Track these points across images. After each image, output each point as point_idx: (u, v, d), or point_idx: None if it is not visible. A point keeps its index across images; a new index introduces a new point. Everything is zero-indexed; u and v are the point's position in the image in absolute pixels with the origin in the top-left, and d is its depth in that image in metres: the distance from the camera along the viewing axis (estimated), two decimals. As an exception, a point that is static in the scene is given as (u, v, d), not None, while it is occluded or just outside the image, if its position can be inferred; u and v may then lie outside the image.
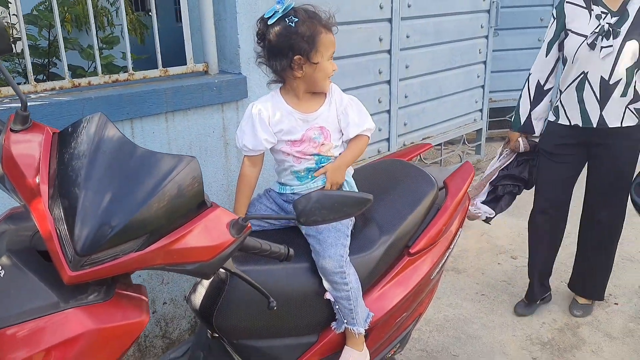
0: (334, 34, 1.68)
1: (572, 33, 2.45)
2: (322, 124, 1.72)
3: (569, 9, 2.49)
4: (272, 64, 1.67)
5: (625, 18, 2.35)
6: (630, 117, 2.45)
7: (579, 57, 2.43)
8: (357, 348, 1.69)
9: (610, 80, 2.39)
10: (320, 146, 1.72)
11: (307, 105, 1.72)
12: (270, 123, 1.70)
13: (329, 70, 1.68)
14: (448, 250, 1.98)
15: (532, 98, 2.66)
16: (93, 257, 1.07)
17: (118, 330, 1.10)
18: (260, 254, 1.36)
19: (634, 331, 2.71)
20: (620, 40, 2.34)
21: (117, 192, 1.10)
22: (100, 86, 2.12)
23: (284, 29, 1.60)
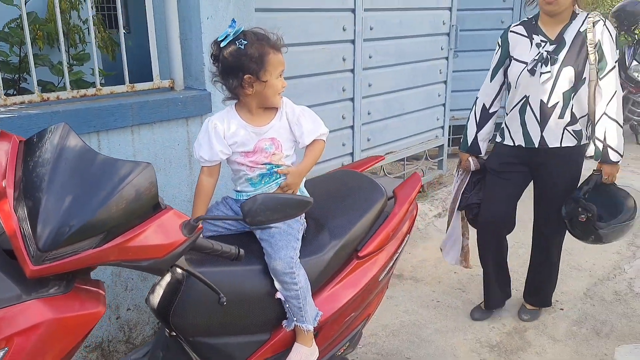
0: (283, 54, 1.83)
1: (515, 60, 2.64)
2: (274, 135, 1.86)
3: (512, 37, 2.68)
4: (226, 82, 1.82)
5: (562, 46, 2.54)
6: (569, 139, 2.63)
7: (520, 82, 2.62)
8: (306, 344, 1.81)
9: (548, 103, 2.58)
10: (271, 156, 1.85)
11: (260, 119, 1.86)
12: (225, 136, 1.83)
13: (278, 87, 1.83)
14: (395, 254, 2.12)
15: (478, 120, 2.83)
16: (53, 253, 1.18)
17: (75, 319, 1.21)
18: (212, 253, 1.49)
19: (576, 334, 2.88)
20: (558, 66, 2.53)
21: (77, 195, 1.22)
22: (68, 100, 2.23)
23: (235, 51, 1.75)
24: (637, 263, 3.65)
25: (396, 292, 3.29)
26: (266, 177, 1.87)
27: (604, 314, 3.06)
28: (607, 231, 2.64)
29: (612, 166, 2.61)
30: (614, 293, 3.28)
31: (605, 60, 2.50)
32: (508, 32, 2.71)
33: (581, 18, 2.53)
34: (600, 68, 2.52)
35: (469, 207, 2.95)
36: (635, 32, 6.15)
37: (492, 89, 2.79)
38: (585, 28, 2.50)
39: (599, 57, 2.50)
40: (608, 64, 2.50)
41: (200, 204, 1.88)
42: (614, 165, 2.61)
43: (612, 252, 3.79)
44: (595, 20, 2.50)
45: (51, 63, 2.98)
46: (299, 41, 3.35)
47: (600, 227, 2.63)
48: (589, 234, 2.69)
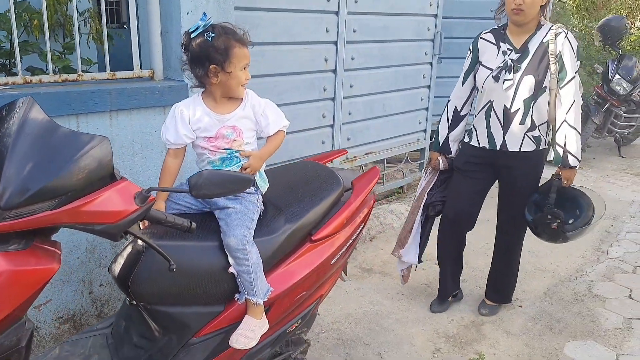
0: (249, 48, 1.97)
1: (482, 66, 2.79)
2: (235, 124, 2.00)
3: (481, 44, 2.83)
4: (193, 70, 1.96)
5: (526, 55, 2.68)
6: (529, 144, 2.77)
7: (486, 87, 2.77)
8: (256, 317, 1.95)
9: (511, 109, 2.73)
10: (232, 142, 2.00)
11: (223, 107, 2.01)
12: (191, 122, 1.98)
13: (242, 79, 1.97)
14: (349, 240, 2.25)
15: (450, 122, 2.99)
16: (14, 212, 1.32)
17: (30, 273, 1.35)
18: (165, 224, 1.64)
19: (530, 329, 3.02)
20: (520, 74, 2.67)
21: (38, 161, 1.36)
22: (50, 84, 2.38)
23: (203, 42, 1.90)
24: (600, 267, 3.79)
25: (364, 285, 3.43)
26: (227, 160, 2.01)
27: (560, 312, 3.19)
28: (574, 233, 2.79)
29: (570, 170, 2.75)
30: (573, 293, 3.42)
31: (566, 71, 2.64)
32: (478, 38, 2.86)
33: (545, 29, 2.68)
34: (561, 78, 2.65)
35: (432, 204, 3.08)
36: (619, 47, 6.29)
37: (464, 92, 2.94)
38: (548, 39, 2.64)
39: (559, 67, 2.64)
40: (568, 74, 2.64)
41: (164, 183, 2.02)
42: (573, 169, 2.75)
43: (577, 256, 3.93)
44: (558, 32, 2.64)
45: (40, 50, 3.13)
46: (281, 40, 3.50)
47: (568, 230, 2.77)
48: (557, 237, 2.83)
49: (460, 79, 2.96)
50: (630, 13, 10.82)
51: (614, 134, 6.60)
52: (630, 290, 3.45)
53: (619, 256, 3.96)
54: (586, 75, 6.33)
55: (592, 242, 4.18)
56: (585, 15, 10.81)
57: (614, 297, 3.37)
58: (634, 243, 4.19)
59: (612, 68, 6.16)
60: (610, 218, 4.67)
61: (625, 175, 6.00)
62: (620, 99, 6.22)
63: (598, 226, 4.41)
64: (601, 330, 3.01)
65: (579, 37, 7.49)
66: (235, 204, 1.94)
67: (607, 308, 3.24)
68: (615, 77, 6.10)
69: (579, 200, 2.82)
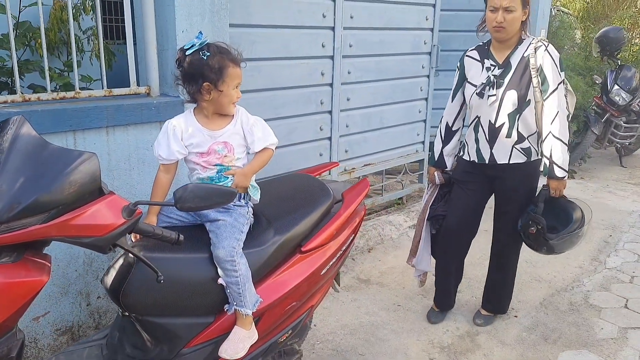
0: (241, 68, 2.04)
1: (469, 83, 2.85)
2: (226, 140, 2.06)
3: (467, 61, 2.89)
4: (186, 87, 2.02)
5: (508, 70, 2.73)
6: (518, 156, 2.80)
7: (472, 103, 2.82)
8: (245, 327, 1.99)
9: (496, 123, 2.77)
10: (223, 157, 2.05)
11: (215, 123, 2.07)
12: (183, 137, 2.03)
13: (234, 97, 2.03)
14: (339, 251, 2.30)
15: (443, 137, 3.04)
16: (4, 226, 1.38)
17: (20, 285, 1.41)
18: (153, 237, 1.69)
19: (525, 339, 3.03)
20: (503, 90, 2.72)
21: (28, 177, 1.42)
22: (48, 101, 2.45)
23: (197, 60, 1.96)
24: (597, 277, 3.80)
25: (361, 296, 3.46)
26: (215, 180, 2.06)
27: (555, 322, 3.21)
28: (557, 242, 2.80)
29: (558, 181, 2.78)
30: (569, 304, 3.43)
31: (548, 83, 2.68)
32: (464, 56, 2.91)
33: (526, 43, 2.72)
34: (544, 90, 2.70)
35: (434, 218, 3.12)
36: (617, 58, 6.32)
37: (454, 108, 3.00)
38: (528, 53, 2.68)
39: (541, 80, 2.68)
40: (550, 86, 2.68)
41: (156, 197, 2.08)
42: (560, 180, 2.77)
43: (575, 267, 3.94)
44: (537, 46, 2.68)
45: (41, 68, 3.21)
46: (278, 55, 3.57)
47: (550, 238, 2.79)
48: (540, 245, 2.85)
49: (450, 95, 3.02)
50: (634, 24, 10.84)
51: (615, 144, 6.61)
52: (626, 300, 3.46)
53: (617, 266, 3.97)
54: (586, 86, 6.35)
55: (590, 252, 4.19)
56: (590, 25, 10.85)
57: (609, 307, 3.38)
58: (632, 253, 4.20)
59: (611, 79, 6.19)
60: (609, 228, 4.68)
61: (626, 185, 6.00)
62: (619, 109, 6.24)
63: (596, 236, 4.44)
64: (595, 340, 3.02)
65: (581, 48, 7.53)
66: (225, 216, 1.99)
67: (603, 318, 3.25)
68: (614, 87, 6.13)
69: (569, 211, 2.84)
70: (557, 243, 2.81)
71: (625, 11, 11.62)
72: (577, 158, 6.29)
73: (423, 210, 3.17)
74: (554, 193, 2.81)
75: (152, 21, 2.71)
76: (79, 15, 4.44)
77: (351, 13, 4.00)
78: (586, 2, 12.20)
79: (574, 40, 7.23)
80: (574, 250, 4.00)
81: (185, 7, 2.70)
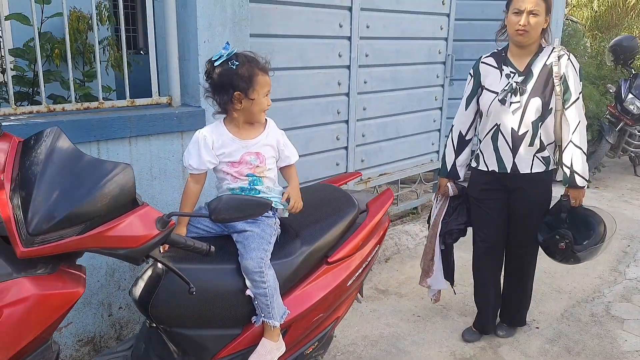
0: (270, 76, 2.04)
1: (486, 90, 2.81)
2: (259, 150, 2.06)
3: (483, 68, 2.86)
4: (217, 98, 2.03)
5: (530, 78, 2.70)
6: (539, 165, 2.77)
7: (492, 110, 2.78)
8: (273, 339, 1.97)
9: (519, 131, 2.73)
10: (255, 168, 2.05)
11: (246, 133, 2.07)
12: (214, 147, 2.03)
13: (264, 105, 2.03)
14: (364, 262, 2.28)
15: (455, 147, 2.98)
16: (41, 238, 1.38)
17: (57, 296, 1.40)
18: (185, 248, 1.68)
19: (547, 351, 3.00)
20: (526, 97, 2.69)
21: (64, 189, 1.42)
22: (72, 112, 2.46)
23: (227, 70, 1.97)
24: (618, 288, 3.76)
25: (380, 306, 3.44)
26: (246, 190, 2.06)
27: (578, 334, 3.17)
28: (584, 253, 2.77)
29: (578, 190, 2.75)
30: (590, 315, 3.39)
31: (570, 92, 2.66)
32: (479, 63, 2.88)
33: (547, 51, 2.71)
34: (565, 99, 2.68)
35: (449, 233, 3.06)
36: (631, 66, 6.30)
37: (467, 117, 2.94)
38: (551, 61, 2.67)
39: (564, 89, 2.66)
40: (572, 95, 2.66)
41: (186, 207, 2.06)
42: (580, 189, 2.74)
43: (594, 277, 3.90)
44: (561, 55, 2.67)
45: (62, 78, 3.23)
46: (295, 65, 3.57)
47: (578, 251, 2.76)
48: (568, 257, 2.82)
49: (462, 103, 2.96)
50: (643, 32, 10.83)
51: (628, 153, 6.58)
52: (648, 311, 3.42)
53: (637, 277, 3.92)
54: (599, 95, 6.33)
55: (609, 262, 4.15)
56: (598, 34, 10.84)
57: (632, 318, 3.34)
58: (652, 263, 4.16)
59: (625, 87, 6.16)
60: (627, 238, 4.64)
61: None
62: (634, 118, 6.21)
63: (615, 246, 4.40)
64: (620, 352, 2.98)
65: (591, 56, 7.51)
66: (253, 227, 1.98)
67: (626, 329, 3.21)
68: (629, 96, 6.10)
69: (590, 220, 2.80)
70: (583, 254, 2.78)
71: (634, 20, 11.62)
72: (592, 167, 6.25)
73: (434, 226, 3.09)
74: (574, 203, 2.78)
75: (174, 31, 2.72)
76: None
77: (367, 23, 4.01)
78: (594, 11, 12.22)
79: (585, 50, 7.21)
80: (593, 260, 3.99)
81: (207, 18, 2.71)
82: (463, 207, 3.06)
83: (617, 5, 12.41)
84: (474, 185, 2.98)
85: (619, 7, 12.44)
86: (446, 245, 3.10)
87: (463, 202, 3.06)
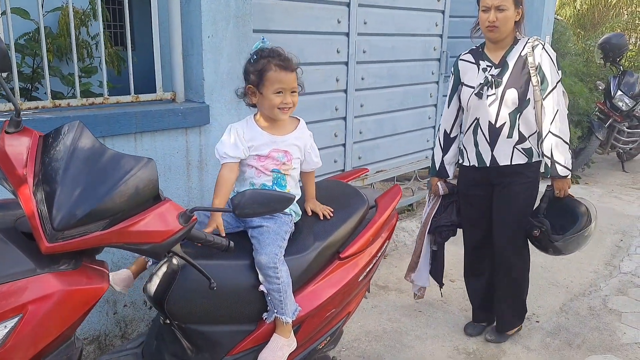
0: (290, 73, 2.00)
1: (465, 85, 2.83)
2: (287, 149, 2.07)
3: (462, 65, 2.88)
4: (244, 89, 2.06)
5: (506, 69, 2.71)
6: (519, 156, 2.76)
7: (470, 105, 2.80)
8: (285, 335, 1.96)
9: (496, 124, 2.74)
10: (281, 165, 2.06)
11: (276, 129, 2.08)
12: (245, 139, 2.03)
13: (275, 102, 2.00)
14: (375, 257, 2.29)
15: (442, 146, 3.00)
16: (66, 233, 1.36)
17: (82, 292, 1.38)
18: (205, 244, 1.67)
19: (549, 345, 3.03)
20: (502, 88, 2.70)
21: (88, 184, 1.40)
22: (77, 107, 2.42)
23: (247, 63, 2.02)
24: (613, 281, 3.81)
25: (381, 302, 3.45)
26: (267, 187, 2.06)
27: (578, 327, 3.21)
28: (563, 242, 2.75)
29: (561, 180, 2.74)
30: (588, 308, 3.44)
31: (547, 82, 2.67)
32: (458, 60, 2.91)
33: (522, 43, 2.72)
34: (543, 89, 2.68)
35: (438, 230, 3.08)
36: (620, 63, 6.40)
37: (450, 114, 2.97)
38: (526, 52, 2.68)
39: (540, 78, 2.67)
40: (549, 84, 2.67)
41: (220, 196, 2.00)
42: (564, 179, 2.73)
43: (590, 271, 3.96)
44: (535, 45, 2.68)
45: (62, 74, 3.18)
46: (295, 61, 3.56)
47: (555, 240, 2.76)
48: (546, 246, 2.82)
49: (446, 102, 2.99)
50: (626, 29, 10.99)
51: (617, 149, 6.68)
52: (645, 304, 3.48)
53: (631, 270, 3.99)
54: (588, 92, 6.41)
55: (603, 256, 4.21)
56: (581, 32, 10.97)
57: (629, 311, 3.40)
58: (645, 257, 4.23)
59: (614, 84, 6.26)
60: (619, 233, 4.71)
61: (631, 190, 6.06)
62: (622, 114, 6.31)
63: (608, 241, 4.47)
64: (620, 345, 3.03)
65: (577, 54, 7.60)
66: (269, 222, 1.97)
67: (624, 322, 3.26)
68: (618, 93, 6.20)
69: (576, 211, 2.79)
70: (563, 244, 2.76)
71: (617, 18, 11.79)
72: (582, 163, 6.34)
73: (424, 224, 3.11)
74: (558, 193, 2.78)
75: (178, 26, 2.70)
76: (87, 21, 4.41)
77: (365, 19, 4.01)
78: (577, 10, 12.37)
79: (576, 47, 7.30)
80: (588, 254, 4.07)
81: (211, 13, 2.69)
82: (454, 206, 3.07)
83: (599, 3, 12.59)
84: (461, 181, 3.00)
85: (600, 5, 12.62)
86: (437, 245, 3.12)
87: (454, 201, 3.07)
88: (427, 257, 3.15)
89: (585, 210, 2.77)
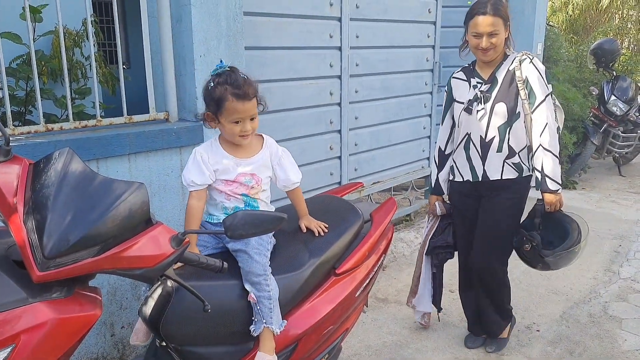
0: (247, 102, 1.94)
1: (456, 102, 2.86)
2: (254, 172, 2.06)
3: (454, 82, 2.90)
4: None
5: (495, 85, 2.73)
6: (510, 171, 2.77)
7: (461, 120, 2.82)
8: (270, 353, 1.94)
9: (486, 138, 2.75)
10: (250, 189, 2.05)
11: (242, 152, 2.06)
12: (210, 163, 2.02)
13: (234, 131, 1.98)
14: (372, 272, 2.28)
15: (437, 163, 3.03)
16: (57, 261, 1.35)
17: (75, 320, 1.37)
18: (198, 266, 1.66)
19: (550, 354, 3.02)
20: (491, 103, 2.71)
21: (78, 210, 1.39)
22: (70, 130, 2.43)
23: (205, 89, 1.99)
24: (613, 288, 3.80)
25: (381, 315, 3.43)
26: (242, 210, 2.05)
27: (578, 335, 3.20)
28: (553, 258, 2.74)
29: (552, 195, 2.71)
30: (588, 315, 3.43)
31: (535, 95, 2.67)
32: (451, 78, 2.93)
33: (511, 58, 2.73)
34: (531, 102, 2.68)
35: (434, 251, 3.09)
36: (612, 68, 6.43)
37: (444, 132, 2.99)
38: (514, 66, 2.69)
39: (528, 92, 2.68)
40: (537, 97, 2.67)
41: (192, 226, 2.02)
42: (554, 193, 2.70)
43: (589, 278, 3.95)
44: (522, 59, 2.69)
45: (55, 97, 3.19)
46: (288, 76, 3.58)
47: (546, 255, 2.74)
48: (536, 261, 2.81)
49: (441, 120, 3.02)
50: (618, 34, 11.06)
51: (613, 154, 6.69)
52: (645, 310, 3.47)
53: (631, 276, 3.98)
54: (582, 97, 6.44)
55: (602, 262, 4.20)
56: (574, 38, 11.04)
57: (630, 317, 3.38)
58: (644, 262, 4.22)
59: (608, 89, 6.28)
60: (617, 238, 4.71)
61: (628, 195, 6.06)
62: (617, 119, 6.33)
63: (607, 246, 4.46)
64: (621, 352, 3.01)
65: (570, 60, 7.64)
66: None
67: (625, 329, 3.25)
68: (611, 98, 6.22)
69: (567, 227, 2.77)
70: (553, 260, 2.75)
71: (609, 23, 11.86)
72: (578, 169, 6.35)
73: (422, 244, 3.12)
74: (549, 208, 2.74)
75: (169, 46, 2.71)
76: (81, 42, 4.42)
77: (357, 32, 4.03)
78: (569, 15, 12.46)
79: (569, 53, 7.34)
80: (587, 260, 4.07)
81: (202, 32, 2.71)
82: (451, 227, 3.07)
83: (590, 8, 12.68)
84: (452, 197, 3.02)
85: (592, 11, 12.71)
86: (435, 268, 3.12)
87: (452, 223, 3.06)
88: (428, 280, 3.14)
89: (576, 226, 2.75)
